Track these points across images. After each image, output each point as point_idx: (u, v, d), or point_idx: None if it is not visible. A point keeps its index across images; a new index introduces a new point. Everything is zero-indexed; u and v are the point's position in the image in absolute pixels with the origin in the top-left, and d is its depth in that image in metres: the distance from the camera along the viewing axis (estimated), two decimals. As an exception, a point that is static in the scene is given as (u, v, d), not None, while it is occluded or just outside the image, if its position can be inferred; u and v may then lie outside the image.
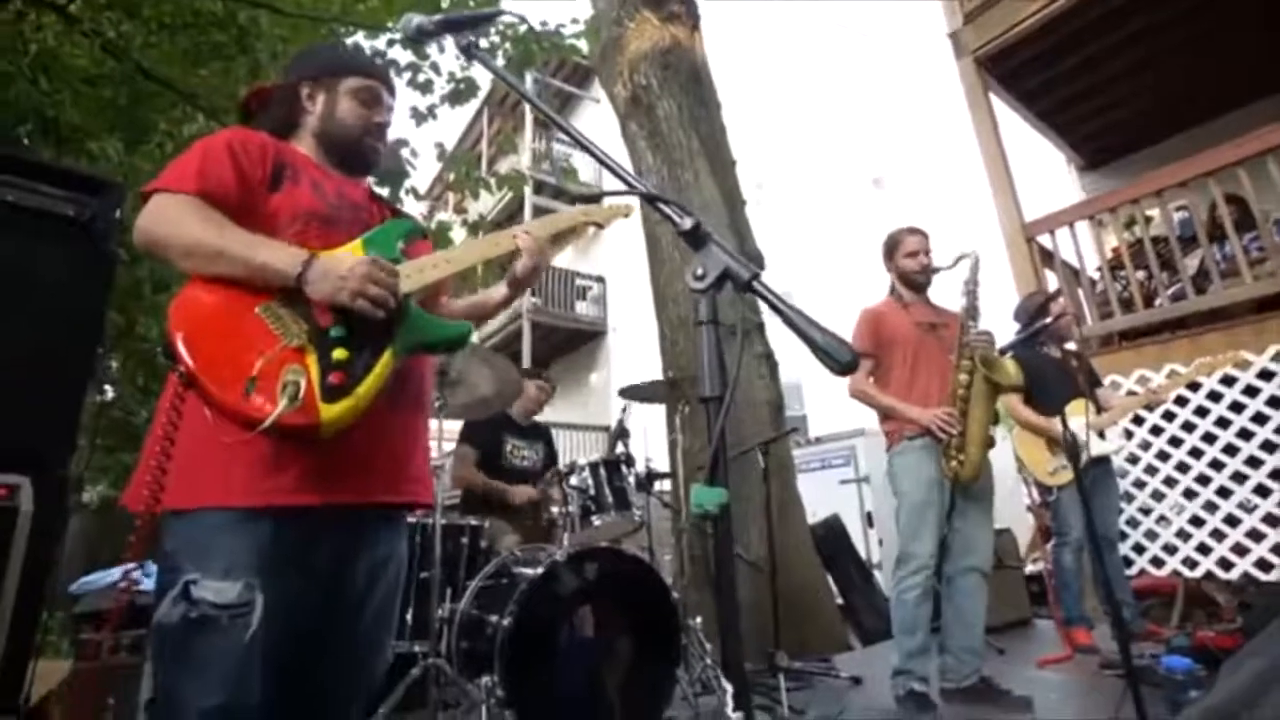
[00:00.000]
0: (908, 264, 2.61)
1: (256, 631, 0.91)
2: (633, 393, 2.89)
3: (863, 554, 4.77)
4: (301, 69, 1.28)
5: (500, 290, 1.34)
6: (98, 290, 1.81)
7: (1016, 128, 5.73)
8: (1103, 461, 3.24)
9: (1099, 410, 3.19)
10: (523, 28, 4.10)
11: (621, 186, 0.88)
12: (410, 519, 2.35)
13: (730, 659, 0.62)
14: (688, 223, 0.74)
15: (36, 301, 1.68)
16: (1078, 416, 2.83)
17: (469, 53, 1.04)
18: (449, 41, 1.08)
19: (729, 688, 0.58)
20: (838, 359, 0.64)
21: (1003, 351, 2.51)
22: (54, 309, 1.70)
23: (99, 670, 2.15)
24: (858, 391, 2.54)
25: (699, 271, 0.71)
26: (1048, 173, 6.92)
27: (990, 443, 2.40)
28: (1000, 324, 3.54)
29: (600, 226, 1.37)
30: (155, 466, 0.91)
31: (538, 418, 3.44)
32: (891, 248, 2.68)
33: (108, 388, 4.77)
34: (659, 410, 3.64)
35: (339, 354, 0.96)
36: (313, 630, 1.03)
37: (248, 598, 0.91)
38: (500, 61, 4.30)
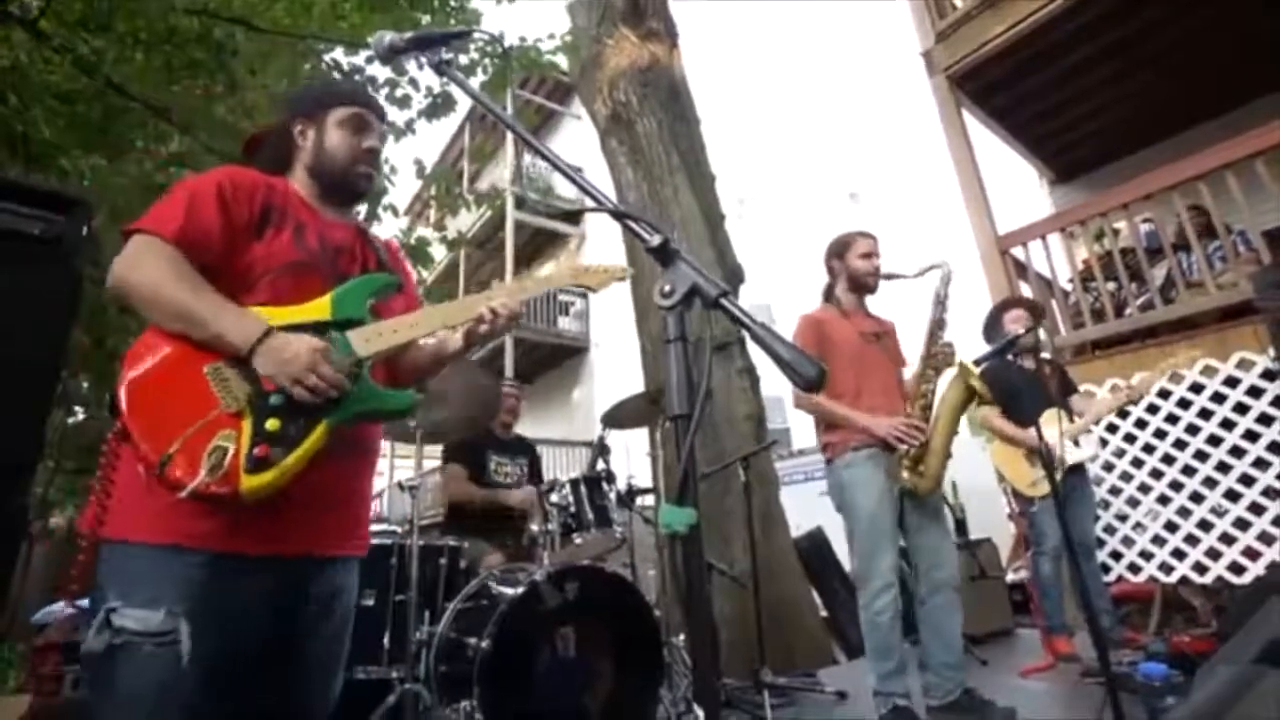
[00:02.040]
0: (861, 265, 2.50)
1: (188, 663, 0.90)
2: (613, 419, 2.85)
3: (847, 567, 4.77)
4: (294, 107, 1.31)
5: (456, 341, 1.32)
6: (63, 310, 1.76)
7: (989, 143, 5.87)
8: (1078, 470, 3.29)
9: (1071, 419, 3.24)
10: (499, 47, 4.13)
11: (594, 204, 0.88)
12: (386, 540, 2.32)
13: (702, 681, 0.61)
14: (655, 239, 0.74)
15: (-2, 321, 1.63)
16: (1051, 427, 2.87)
17: (441, 70, 1.04)
18: (424, 58, 1.08)
19: (699, 713, 0.57)
20: (804, 374, 0.64)
21: (975, 364, 2.53)
22: (16, 328, 1.66)
23: (59, 707, 2.08)
24: (805, 401, 2.41)
25: (666, 289, 0.71)
26: (1020, 187, 7.08)
27: (949, 455, 2.36)
28: (978, 336, 3.61)
29: (592, 290, 1.35)
30: (97, 504, 0.95)
31: (521, 431, 3.41)
32: (842, 248, 2.55)
33: (77, 409, 4.65)
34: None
35: (271, 424, 0.98)
36: (252, 665, 1.01)
37: (170, 625, 0.91)
38: (480, 78, 4.31)
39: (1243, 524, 3.53)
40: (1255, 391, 3.58)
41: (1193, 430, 3.76)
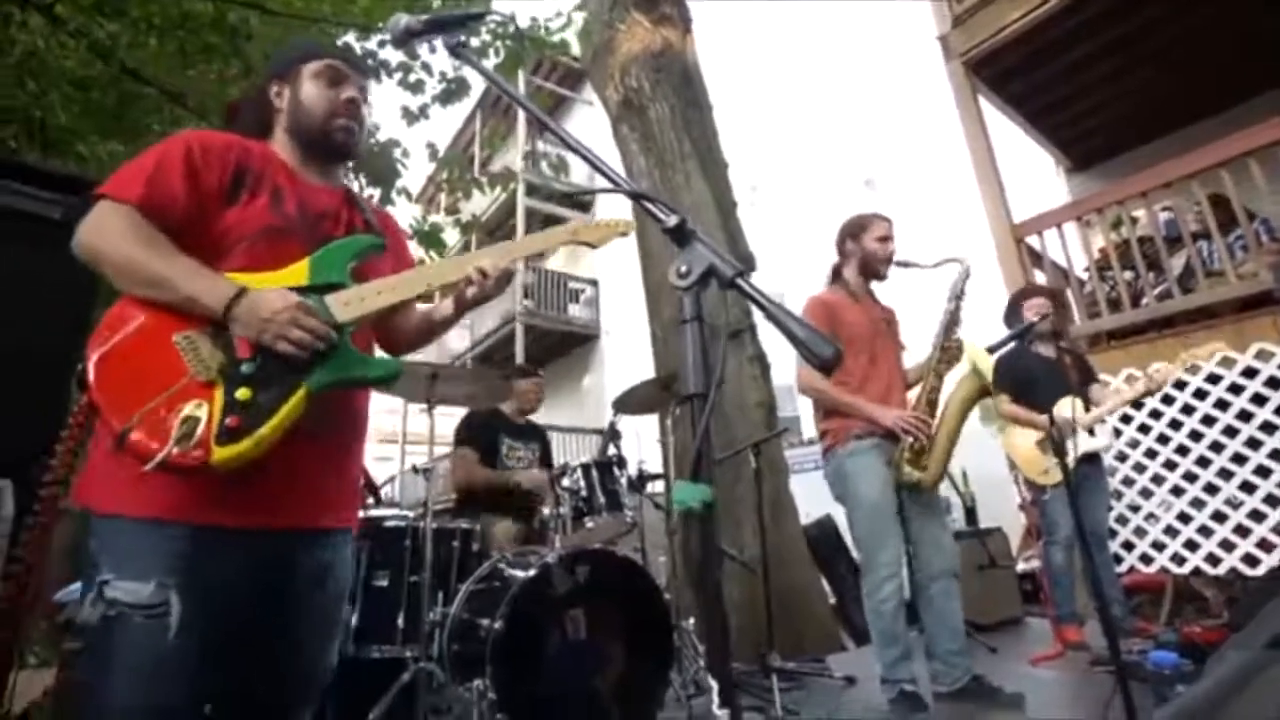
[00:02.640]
0: (877, 248, 2.46)
1: (179, 634, 0.91)
2: (624, 404, 2.87)
3: (855, 554, 4.78)
4: (269, 70, 1.27)
5: (445, 308, 1.30)
6: (83, 292, 1.79)
7: (1005, 129, 5.78)
8: (1093, 458, 3.26)
9: (1088, 407, 3.21)
10: (512, 27, 4.10)
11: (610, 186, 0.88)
12: (400, 523, 2.35)
13: (715, 655, 0.62)
14: (672, 220, 0.74)
15: (20, 303, 1.67)
16: (1067, 413, 2.85)
17: (457, 53, 1.04)
18: (440, 42, 1.07)
19: (714, 684, 0.58)
20: (819, 353, 0.64)
21: (990, 350, 2.51)
22: (38, 311, 1.69)
23: (81, 682, 2.12)
24: (809, 387, 2.39)
25: (683, 269, 0.71)
26: (1036, 174, 6.98)
27: (952, 450, 2.36)
28: (992, 324, 3.58)
29: (592, 246, 1.31)
30: (62, 469, 0.94)
31: (534, 418, 3.43)
32: (858, 229, 2.51)
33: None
34: (651, 411, 3.64)
35: (242, 393, 0.94)
36: (244, 636, 1.01)
37: (161, 598, 0.91)
38: (493, 60, 4.30)
39: (1258, 516, 3.49)
40: (1274, 383, 3.53)
41: (1209, 421, 3.72)
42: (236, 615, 0.99)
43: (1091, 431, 3.23)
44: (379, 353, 1.29)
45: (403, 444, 12.57)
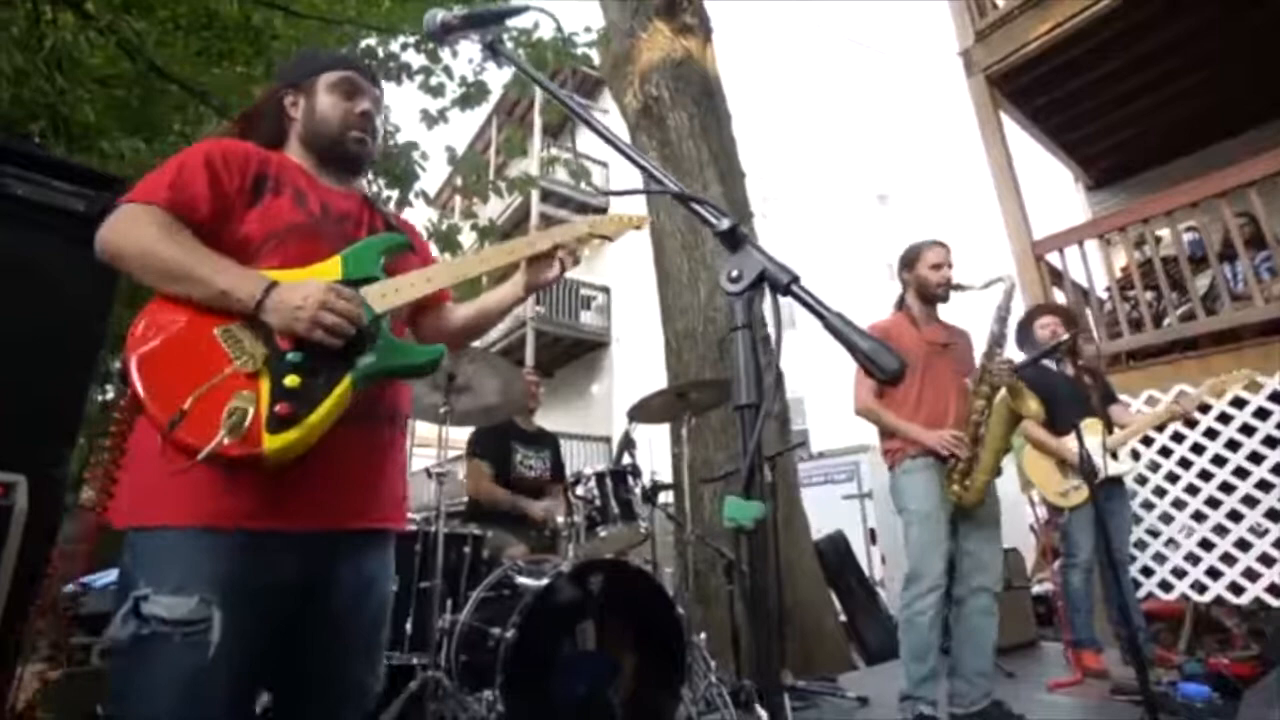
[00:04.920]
0: (931, 276, 2.52)
1: (219, 651, 0.87)
2: (640, 413, 2.83)
3: (866, 571, 4.71)
4: (281, 78, 1.27)
5: (506, 291, 1.29)
6: (103, 288, 1.78)
7: (1023, 145, 5.75)
8: (1116, 483, 3.20)
9: (1110, 429, 3.15)
10: (535, 33, 4.11)
11: (640, 186, 0.85)
12: (411, 527, 2.32)
13: (765, 677, 0.58)
14: (725, 223, 0.71)
15: (40, 296, 1.66)
16: (1093, 436, 2.80)
17: (493, 49, 1.02)
18: (461, 45, 1.05)
19: (763, 714, 0.54)
20: (884, 367, 0.61)
21: (1014, 370, 2.48)
22: (58, 305, 1.68)
23: (88, 675, 2.11)
24: (865, 409, 2.49)
25: (734, 274, 0.68)
26: (1054, 191, 6.94)
27: (998, 471, 2.38)
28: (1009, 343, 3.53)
29: (608, 239, 1.31)
30: (103, 485, 0.91)
31: (539, 424, 3.40)
32: (913, 258, 2.59)
33: (108, 387, 4.73)
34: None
35: (290, 381, 0.92)
36: (286, 654, 0.98)
37: (203, 614, 0.87)
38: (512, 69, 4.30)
39: (1284, 545, 3.41)
40: (1302, 408, 3.47)
41: (1233, 446, 3.65)
42: (278, 630, 0.96)
43: (1115, 455, 3.16)
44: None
45: (410, 446, 12.57)
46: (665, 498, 3.26)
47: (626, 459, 2.70)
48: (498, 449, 3.05)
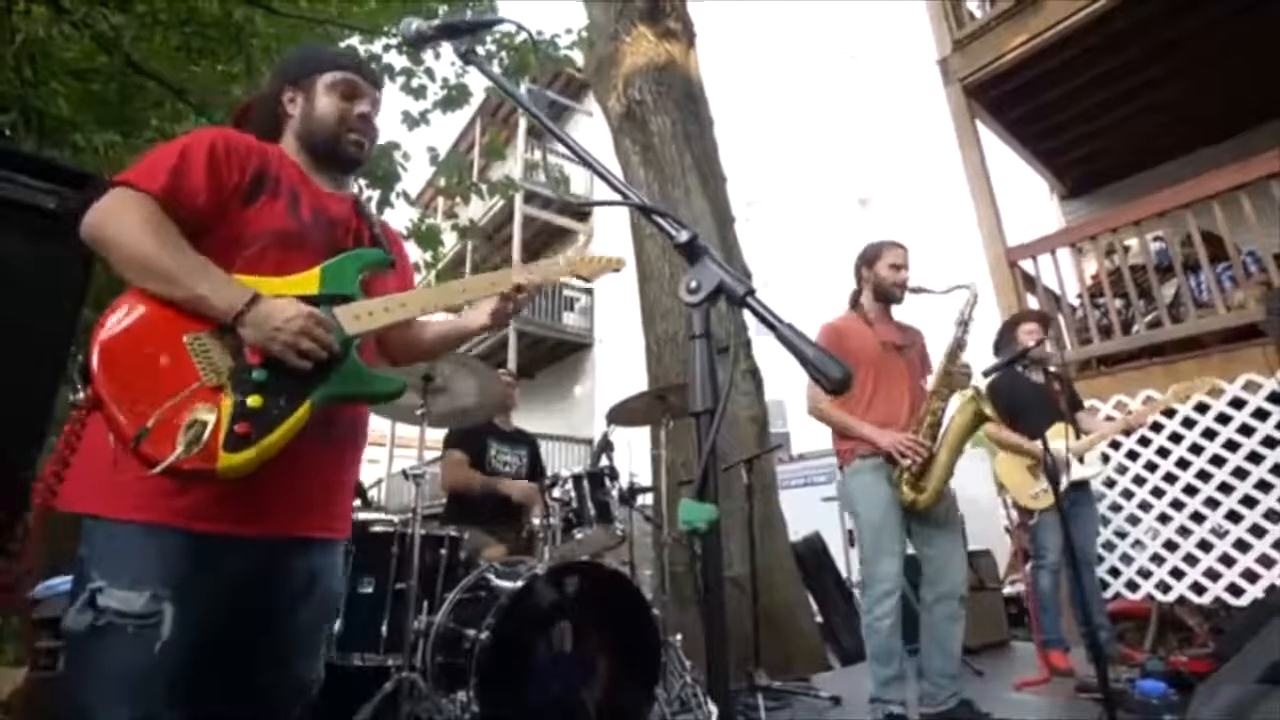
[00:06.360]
0: (889, 275, 2.53)
1: (169, 644, 0.89)
2: (619, 415, 2.86)
3: (844, 573, 4.77)
4: (282, 74, 1.26)
5: (477, 319, 1.29)
6: (75, 286, 1.76)
7: (999, 154, 5.86)
8: (1082, 486, 3.28)
9: (1078, 435, 3.23)
10: (519, 37, 4.12)
11: (615, 197, 0.88)
12: (387, 528, 2.32)
13: (717, 680, 0.61)
14: (683, 235, 0.73)
15: (8, 295, 1.64)
16: (1058, 440, 2.87)
17: (467, 59, 1.04)
18: (445, 48, 1.07)
19: (713, 710, 0.57)
20: (830, 375, 0.63)
21: (985, 374, 2.53)
22: (27, 303, 1.66)
23: (54, 680, 2.07)
24: (816, 410, 2.48)
25: (693, 285, 0.71)
26: (1030, 199, 7.08)
27: (951, 473, 2.38)
28: (984, 346, 3.60)
29: (585, 280, 1.35)
30: (52, 475, 0.94)
31: (521, 426, 3.41)
32: (873, 256, 2.59)
33: (79, 387, 4.65)
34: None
35: (253, 401, 0.93)
36: (231, 647, 1.00)
37: (154, 608, 0.89)
38: (495, 69, 4.30)
39: (1243, 546, 3.52)
40: (1261, 414, 3.58)
41: (1196, 450, 3.76)
42: (226, 625, 0.98)
43: (1081, 459, 3.24)
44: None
45: (391, 447, 12.47)
46: (645, 500, 3.28)
47: (604, 461, 2.72)
48: (474, 443, 3.06)
